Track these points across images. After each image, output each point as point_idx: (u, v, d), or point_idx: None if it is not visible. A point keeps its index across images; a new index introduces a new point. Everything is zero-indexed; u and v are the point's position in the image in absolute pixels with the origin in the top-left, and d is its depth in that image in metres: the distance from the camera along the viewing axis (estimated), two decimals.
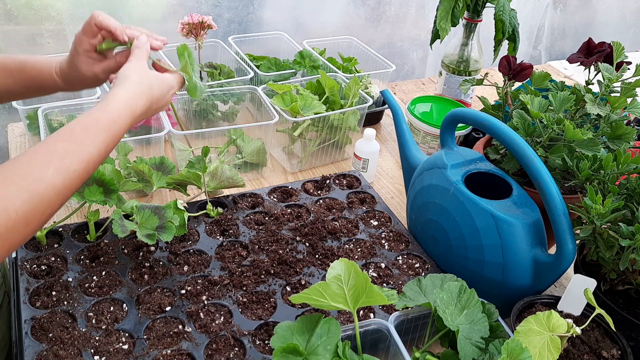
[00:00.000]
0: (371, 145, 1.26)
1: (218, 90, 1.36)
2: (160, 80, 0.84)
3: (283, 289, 0.92)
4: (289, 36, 1.67)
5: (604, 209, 0.80)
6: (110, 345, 0.79)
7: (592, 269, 0.92)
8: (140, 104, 0.78)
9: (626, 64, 1.00)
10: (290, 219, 1.07)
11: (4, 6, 1.48)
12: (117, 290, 0.89)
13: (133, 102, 0.77)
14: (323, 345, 0.71)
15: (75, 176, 0.67)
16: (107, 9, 1.60)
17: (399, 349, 0.77)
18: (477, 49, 1.48)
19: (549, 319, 0.74)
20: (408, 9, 2.08)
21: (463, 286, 0.80)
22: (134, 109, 0.77)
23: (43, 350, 0.78)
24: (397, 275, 0.96)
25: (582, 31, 2.55)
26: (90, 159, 0.69)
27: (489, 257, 0.89)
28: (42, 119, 1.16)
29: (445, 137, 1.04)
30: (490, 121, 0.90)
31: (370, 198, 1.15)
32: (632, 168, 0.87)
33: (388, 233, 1.05)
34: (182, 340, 0.81)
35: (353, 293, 0.72)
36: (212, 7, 1.72)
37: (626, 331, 0.84)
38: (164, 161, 1.10)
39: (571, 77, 1.98)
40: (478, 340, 0.75)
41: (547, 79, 1.09)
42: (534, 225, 0.89)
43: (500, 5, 1.37)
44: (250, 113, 1.49)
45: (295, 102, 1.24)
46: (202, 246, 0.99)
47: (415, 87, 1.81)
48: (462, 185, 0.94)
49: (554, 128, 0.95)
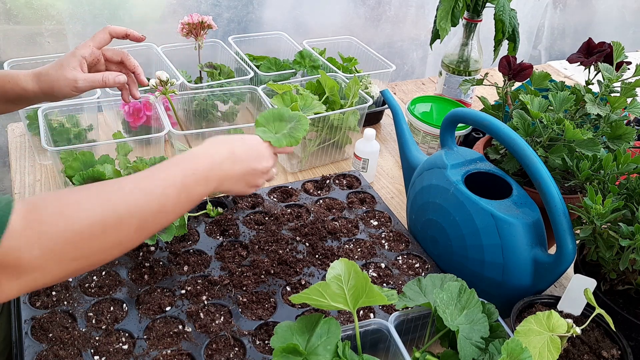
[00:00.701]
0: (371, 145, 1.26)
1: (218, 90, 1.36)
2: (241, 137, 0.84)
3: (283, 289, 0.92)
4: (288, 36, 1.67)
5: (604, 209, 0.80)
6: (110, 345, 0.79)
7: (592, 269, 0.92)
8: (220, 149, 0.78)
9: (626, 64, 1.00)
10: (290, 219, 1.07)
11: (4, 6, 1.48)
12: (117, 290, 0.89)
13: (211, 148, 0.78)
14: (323, 345, 0.71)
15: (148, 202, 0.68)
16: (107, 9, 1.60)
17: (399, 349, 0.77)
18: (477, 49, 1.48)
19: (549, 319, 0.74)
20: (408, 9, 2.08)
21: (463, 286, 0.80)
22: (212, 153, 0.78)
23: (43, 351, 0.78)
24: (397, 275, 0.96)
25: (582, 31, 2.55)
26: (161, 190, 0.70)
27: (489, 257, 0.89)
28: (42, 119, 1.16)
29: (445, 137, 1.04)
30: (490, 121, 0.90)
31: (370, 198, 1.15)
32: (632, 168, 0.87)
33: (388, 233, 1.05)
34: (182, 340, 0.81)
35: (353, 293, 0.72)
36: (212, 6, 1.72)
37: (626, 331, 0.84)
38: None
39: (571, 77, 1.98)
40: (478, 340, 0.75)
41: (547, 79, 1.09)
42: (534, 225, 0.89)
43: (500, 5, 1.37)
44: (250, 113, 1.49)
45: (295, 102, 1.24)
46: (202, 246, 0.99)
47: (415, 87, 1.81)
48: (462, 185, 0.94)
49: (554, 128, 0.95)
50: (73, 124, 1.26)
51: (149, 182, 0.69)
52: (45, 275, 0.60)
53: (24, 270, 0.58)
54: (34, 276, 0.59)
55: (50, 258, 0.59)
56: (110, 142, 1.13)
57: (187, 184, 0.72)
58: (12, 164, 1.29)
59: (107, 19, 1.61)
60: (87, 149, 1.10)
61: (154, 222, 0.69)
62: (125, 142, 1.13)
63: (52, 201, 0.62)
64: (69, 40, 1.59)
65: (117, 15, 1.62)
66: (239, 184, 0.82)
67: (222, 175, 0.78)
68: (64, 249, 0.60)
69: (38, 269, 0.59)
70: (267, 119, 0.89)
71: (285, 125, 0.89)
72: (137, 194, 0.67)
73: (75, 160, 1.02)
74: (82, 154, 1.03)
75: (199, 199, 0.75)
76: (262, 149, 0.85)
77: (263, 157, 0.84)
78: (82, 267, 0.64)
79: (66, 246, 0.60)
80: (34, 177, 1.24)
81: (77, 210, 0.62)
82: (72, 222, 0.61)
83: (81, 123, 1.29)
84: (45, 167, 1.28)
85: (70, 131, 1.25)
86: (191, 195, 0.73)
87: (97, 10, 1.59)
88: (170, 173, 0.72)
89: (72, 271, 0.63)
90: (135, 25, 1.66)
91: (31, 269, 0.58)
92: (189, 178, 0.73)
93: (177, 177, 0.72)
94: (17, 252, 0.57)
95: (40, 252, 0.58)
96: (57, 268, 0.61)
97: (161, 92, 1.23)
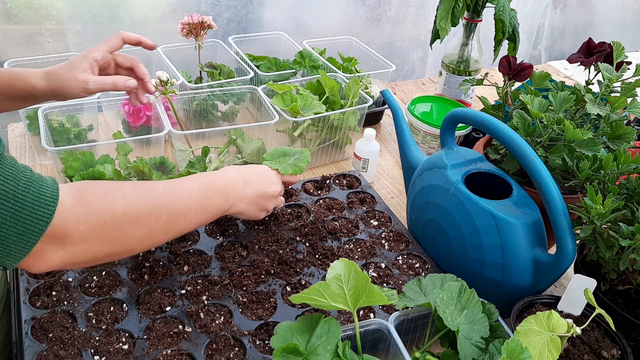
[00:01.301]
0: (371, 145, 1.26)
1: (218, 90, 1.36)
2: (251, 166, 0.96)
3: (283, 289, 0.92)
4: (288, 36, 1.67)
5: (604, 209, 0.80)
6: (110, 345, 0.80)
7: (592, 269, 0.92)
8: (232, 174, 0.90)
9: (626, 64, 1.00)
10: (290, 219, 1.07)
11: (4, 5, 1.48)
12: (117, 290, 0.89)
13: (224, 172, 0.90)
14: (323, 345, 0.71)
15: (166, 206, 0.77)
16: (107, 9, 1.60)
17: (399, 349, 0.77)
18: (477, 49, 1.48)
19: (549, 319, 0.74)
20: (408, 9, 2.08)
21: (463, 286, 0.80)
22: (225, 175, 0.89)
23: (43, 350, 0.78)
24: (397, 275, 0.96)
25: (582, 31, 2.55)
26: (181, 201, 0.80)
27: (489, 257, 0.89)
28: (42, 119, 1.16)
29: (445, 137, 1.04)
30: (490, 121, 0.90)
31: (370, 198, 1.15)
32: (632, 168, 0.87)
33: (388, 233, 1.05)
34: (182, 340, 0.81)
35: (353, 293, 0.72)
36: (212, 6, 1.72)
37: (626, 331, 0.84)
38: (165, 161, 1.10)
39: (571, 77, 1.98)
40: (478, 340, 0.75)
41: (547, 79, 1.09)
42: (534, 225, 0.89)
43: (500, 5, 1.37)
44: (250, 113, 1.49)
45: (295, 102, 1.24)
46: (202, 246, 0.99)
47: (415, 87, 1.81)
48: (462, 185, 0.94)
49: (554, 128, 0.95)
50: (73, 124, 1.26)
51: (177, 185, 0.80)
52: (85, 251, 0.68)
53: (70, 241, 0.66)
54: (75, 249, 0.67)
55: (93, 234, 0.68)
56: (110, 142, 1.13)
57: (209, 194, 0.83)
58: None
59: (107, 19, 1.61)
60: (87, 149, 1.10)
61: (181, 221, 0.78)
62: (125, 142, 1.13)
63: (97, 186, 0.72)
64: (69, 40, 1.59)
65: (117, 15, 1.62)
66: (251, 207, 0.92)
67: (236, 194, 0.88)
68: (104, 228, 0.68)
69: (81, 242, 0.67)
70: (272, 155, 1.02)
71: (289, 158, 1.02)
72: (168, 192, 0.77)
73: (76, 160, 1.02)
74: (82, 154, 1.03)
75: (217, 212, 0.85)
76: (271, 174, 0.96)
77: (272, 182, 0.95)
78: (117, 251, 0.72)
79: (107, 226, 0.69)
80: None
81: (118, 196, 0.71)
82: (114, 205, 0.70)
83: (81, 123, 1.29)
84: (46, 167, 1.28)
85: (70, 131, 1.25)
86: (211, 206, 0.83)
87: (97, 10, 1.59)
88: (194, 182, 0.83)
89: (107, 252, 0.71)
90: (135, 25, 1.66)
91: (76, 241, 0.66)
92: (210, 188, 0.84)
93: (200, 185, 0.83)
94: (67, 224, 0.65)
95: (85, 227, 0.66)
96: (97, 246, 0.69)
97: (161, 92, 1.23)
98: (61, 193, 0.65)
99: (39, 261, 0.65)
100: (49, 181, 0.65)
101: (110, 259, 0.74)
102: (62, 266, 0.68)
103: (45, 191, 0.63)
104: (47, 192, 0.63)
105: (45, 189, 0.63)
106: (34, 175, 0.63)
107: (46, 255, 0.65)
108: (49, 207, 0.62)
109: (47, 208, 0.62)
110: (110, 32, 1.61)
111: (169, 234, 0.78)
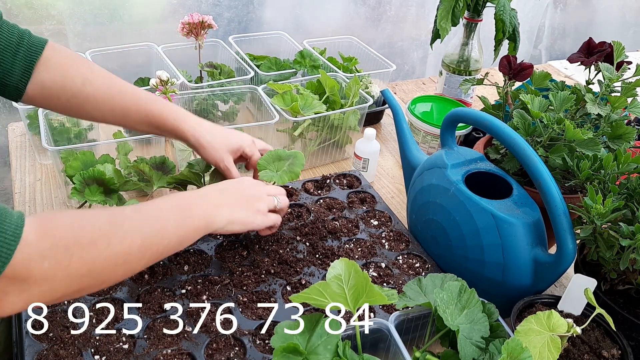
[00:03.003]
0: (371, 145, 1.26)
1: (218, 90, 1.36)
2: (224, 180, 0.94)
3: (283, 288, 0.92)
4: (289, 36, 1.67)
5: (604, 209, 0.80)
6: (111, 345, 0.80)
7: (592, 268, 0.92)
8: (202, 188, 0.88)
9: (626, 64, 1.00)
10: (290, 218, 1.07)
11: (4, 5, 1.47)
12: (117, 290, 0.89)
13: (195, 190, 0.89)
14: (323, 345, 0.71)
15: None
16: (107, 9, 1.60)
17: (399, 348, 0.77)
18: (478, 49, 1.48)
19: (549, 319, 0.74)
20: (408, 8, 2.08)
21: (463, 286, 0.80)
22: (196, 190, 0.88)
23: (43, 350, 0.78)
24: (397, 275, 0.96)
25: (583, 31, 2.55)
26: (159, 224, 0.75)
27: (489, 257, 0.89)
28: (42, 118, 1.16)
29: (446, 137, 1.04)
30: (491, 121, 0.90)
31: (371, 198, 1.15)
32: (633, 168, 0.86)
33: (388, 233, 1.05)
34: (182, 340, 0.81)
35: (353, 293, 0.72)
36: (212, 6, 1.72)
37: (626, 331, 0.84)
38: (165, 161, 1.10)
39: (571, 76, 1.98)
40: (478, 340, 0.75)
41: (548, 78, 1.09)
42: (534, 225, 0.89)
43: (500, 4, 1.37)
44: (251, 113, 1.49)
45: (295, 102, 1.24)
46: (202, 246, 0.99)
47: (415, 86, 1.81)
48: (462, 185, 0.94)
49: (555, 128, 0.95)
50: (73, 124, 1.26)
51: (147, 207, 0.76)
52: (52, 290, 0.62)
53: (34, 281, 0.60)
54: (41, 289, 0.61)
55: (59, 271, 0.61)
56: (110, 142, 1.13)
57: (184, 207, 0.79)
58: (13, 163, 1.29)
59: (107, 19, 1.61)
60: (88, 149, 1.10)
61: (158, 242, 0.73)
62: (125, 141, 1.13)
63: (61, 216, 0.66)
64: (69, 40, 1.59)
65: (117, 15, 1.62)
66: (240, 212, 0.87)
67: (214, 202, 0.84)
68: (71, 261, 0.62)
69: (47, 281, 0.61)
70: (267, 160, 1.02)
71: (284, 163, 1.02)
72: (137, 214, 0.73)
73: (76, 160, 1.02)
74: (82, 153, 1.03)
75: (198, 225, 0.80)
76: (245, 178, 0.94)
77: (252, 185, 0.92)
78: (89, 284, 0.66)
79: (74, 259, 0.62)
80: (35, 177, 1.25)
81: (84, 224, 0.66)
82: (80, 234, 0.64)
83: (81, 123, 1.28)
84: (46, 166, 1.28)
85: (70, 131, 1.25)
86: (190, 219, 0.79)
87: (97, 10, 1.59)
88: (166, 201, 0.79)
89: (78, 288, 0.65)
90: (135, 25, 1.66)
91: (41, 280, 0.60)
92: (186, 202, 0.81)
93: (173, 202, 0.79)
94: (29, 263, 0.58)
95: (49, 264, 0.60)
96: (65, 283, 0.63)
97: (161, 92, 1.23)
98: (25, 228, 0.59)
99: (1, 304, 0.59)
100: (14, 216, 0.59)
101: (83, 293, 0.67)
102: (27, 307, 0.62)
103: (7, 227, 0.57)
104: (8, 228, 0.57)
105: (7, 225, 0.57)
106: None
107: (7, 298, 0.59)
108: (8, 246, 0.57)
109: (6, 246, 0.56)
110: (110, 32, 1.62)
111: (147, 257, 0.72)
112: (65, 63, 0.91)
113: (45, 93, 0.90)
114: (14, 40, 0.87)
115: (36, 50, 0.88)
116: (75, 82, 0.90)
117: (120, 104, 0.94)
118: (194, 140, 0.97)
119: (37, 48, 0.88)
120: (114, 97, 0.93)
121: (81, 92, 0.91)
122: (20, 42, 0.87)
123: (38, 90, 0.89)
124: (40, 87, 0.89)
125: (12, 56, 0.86)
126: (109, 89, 0.93)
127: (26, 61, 0.87)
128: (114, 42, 1.57)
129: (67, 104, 0.92)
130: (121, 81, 0.95)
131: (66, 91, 0.90)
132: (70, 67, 0.91)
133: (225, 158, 0.98)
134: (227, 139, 1.00)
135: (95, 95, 0.92)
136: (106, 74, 0.94)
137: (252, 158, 1.03)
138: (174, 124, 0.96)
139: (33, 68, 0.88)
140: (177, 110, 0.97)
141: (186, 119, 0.97)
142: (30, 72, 0.87)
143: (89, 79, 0.91)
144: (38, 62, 0.88)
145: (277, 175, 1.00)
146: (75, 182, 0.97)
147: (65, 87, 0.90)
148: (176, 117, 0.96)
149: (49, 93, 0.90)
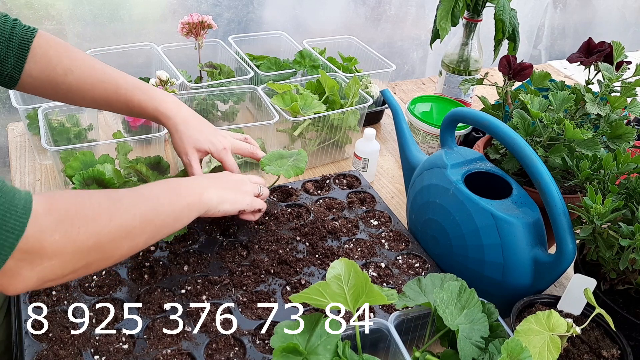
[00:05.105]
0: (371, 145, 1.26)
1: (218, 90, 1.36)
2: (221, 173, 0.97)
3: (283, 288, 0.92)
4: (289, 36, 1.67)
5: (604, 209, 0.80)
6: (111, 345, 0.80)
7: (592, 268, 0.92)
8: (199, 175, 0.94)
9: (626, 64, 1.00)
10: (290, 218, 1.07)
11: (4, 5, 1.47)
12: (117, 290, 0.89)
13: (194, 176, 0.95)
14: (323, 345, 0.71)
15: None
16: (107, 9, 1.60)
17: (399, 348, 0.77)
18: (477, 49, 1.48)
19: (549, 319, 0.74)
20: (408, 8, 2.08)
21: (463, 286, 0.80)
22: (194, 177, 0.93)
23: (43, 350, 0.78)
24: (397, 274, 0.96)
25: (582, 31, 2.55)
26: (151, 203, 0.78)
27: (489, 257, 0.89)
28: (42, 118, 1.16)
29: (445, 137, 1.04)
30: (490, 121, 0.90)
31: (370, 198, 1.15)
32: (632, 168, 0.87)
33: (388, 233, 1.05)
34: (182, 340, 0.81)
35: (353, 293, 0.72)
36: (212, 6, 1.72)
37: (626, 331, 0.84)
38: (160, 161, 1.10)
39: (571, 76, 1.98)
40: (478, 339, 0.75)
41: (547, 78, 1.09)
42: (534, 225, 0.89)
43: (500, 4, 1.37)
44: (250, 113, 1.49)
45: (295, 102, 1.24)
46: (202, 246, 0.99)
47: (415, 86, 1.81)
48: (462, 185, 0.94)
49: (554, 128, 0.95)
50: (73, 124, 1.26)
51: (140, 188, 0.79)
52: (63, 264, 0.64)
53: (45, 254, 0.62)
54: (52, 263, 0.63)
55: (68, 243, 0.63)
56: (110, 142, 1.13)
57: (173, 186, 0.82)
58: (12, 163, 1.29)
59: (107, 19, 1.61)
60: (87, 149, 1.10)
61: (155, 217, 0.75)
62: (125, 141, 1.13)
63: (63, 193, 0.70)
64: (69, 40, 1.59)
65: (117, 15, 1.62)
66: (228, 193, 0.90)
67: (201, 184, 0.87)
68: (79, 234, 0.64)
69: (57, 255, 0.63)
70: (269, 159, 1.03)
71: (287, 160, 1.03)
72: (133, 193, 0.76)
73: (76, 160, 1.02)
74: (82, 153, 1.03)
75: (189, 204, 0.82)
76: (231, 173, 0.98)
77: (236, 175, 0.96)
78: (96, 259, 0.69)
79: (81, 232, 0.65)
80: (34, 177, 1.25)
81: (85, 200, 0.68)
82: (82, 209, 0.67)
83: (81, 123, 1.29)
84: (46, 166, 1.28)
85: (70, 131, 1.25)
86: (181, 197, 0.81)
87: (97, 10, 1.59)
88: (155, 184, 0.82)
89: (86, 262, 0.67)
90: (135, 25, 1.66)
91: (52, 253, 0.62)
92: (174, 183, 0.83)
93: (163, 185, 0.82)
94: (40, 235, 0.61)
95: (59, 236, 0.62)
96: (74, 257, 0.65)
97: None
98: (34, 202, 0.61)
99: (14, 281, 0.61)
100: (22, 193, 0.61)
101: (90, 270, 0.70)
102: (39, 284, 0.64)
103: (17, 202, 0.59)
104: (19, 203, 0.59)
105: (17, 200, 0.59)
106: (5, 186, 0.60)
107: (21, 273, 0.61)
108: (20, 219, 0.59)
109: (18, 220, 0.58)
110: (110, 32, 1.63)
111: (148, 232, 0.75)
112: (49, 53, 0.92)
113: (33, 83, 0.92)
114: (8, 30, 0.88)
115: (27, 39, 0.90)
116: (58, 72, 0.92)
117: (101, 93, 0.95)
118: (170, 127, 0.99)
119: (29, 36, 0.90)
120: (94, 87, 0.94)
121: (64, 83, 0.92)
122: (13, 31, 0.89)
123: (26, 79, 0.91)
124: (28, 76, 0.91)
125: (6, 45, 0.88)
126: (89, 78, 0.94)
127: (19, 50, 0.89)
128: (114, 42, 1.57)
129: (54, 92, 0.94)
130: (103, 69, 0.96)
131: (50, 81, 0.92)
132: (53, 57, 0.92)
133: (190, 152, 0.98)
134: (198, 135, 0.99)
135: (78, 84, 0.93)
136: (88, 63, 0.95)
137: (223, 163, 1.02)
138: (153, 114, 0.98)
139: (26, 56, 0.89)
140: (156, 97, 0.97)
141: (166, 106, 0.97)
142: (23, 60, 0.89)
143: (70, 69, 0.92)
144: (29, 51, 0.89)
145: (283, 169, 1.01)
146: (75, 182, 0.97)
147: (49, 77, 0.92)
148: (156, 105, 0.97)
149: (36, 83, 0.92)
